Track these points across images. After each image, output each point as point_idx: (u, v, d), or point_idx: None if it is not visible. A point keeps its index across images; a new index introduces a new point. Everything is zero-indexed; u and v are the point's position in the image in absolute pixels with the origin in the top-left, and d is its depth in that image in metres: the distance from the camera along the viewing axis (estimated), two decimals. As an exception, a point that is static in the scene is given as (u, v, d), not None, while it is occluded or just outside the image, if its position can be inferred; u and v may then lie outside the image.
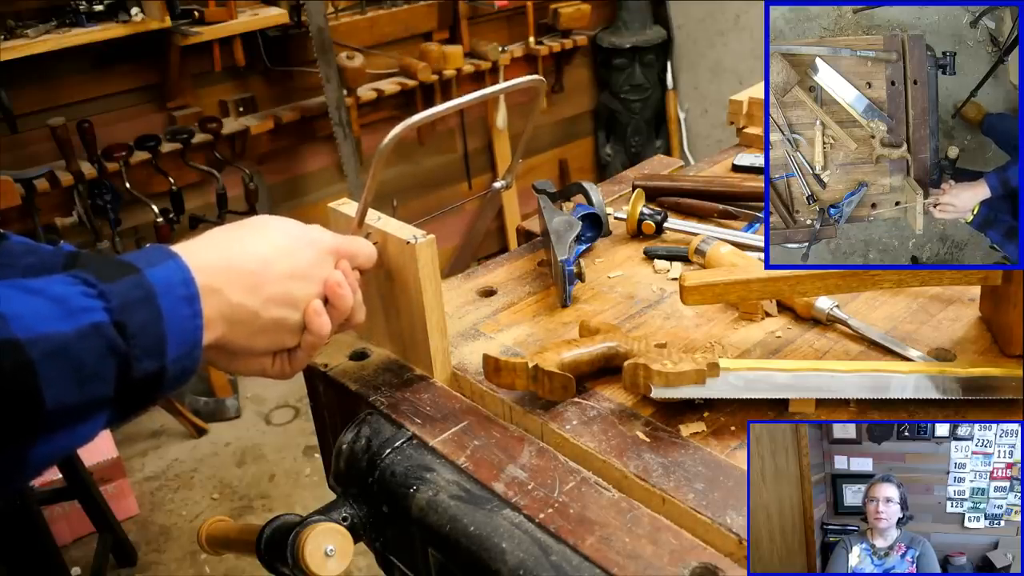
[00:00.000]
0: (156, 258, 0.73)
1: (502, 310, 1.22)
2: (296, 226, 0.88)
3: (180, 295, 0.72)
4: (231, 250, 0.81)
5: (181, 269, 0.74)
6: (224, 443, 3.24)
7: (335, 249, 0.90)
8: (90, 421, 0.67)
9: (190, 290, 0.74)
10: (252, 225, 0.86)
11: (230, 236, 0.83)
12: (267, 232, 0.85)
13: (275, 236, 0.85)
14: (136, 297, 0.69)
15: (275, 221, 0.87)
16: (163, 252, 0.75)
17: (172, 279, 0.72)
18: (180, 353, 0.72)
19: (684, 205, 1.45)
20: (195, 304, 0.74)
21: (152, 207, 3.03)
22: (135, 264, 0.71)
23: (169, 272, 0.73)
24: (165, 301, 0.71)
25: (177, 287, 0.73)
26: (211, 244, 0.81)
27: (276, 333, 0.85)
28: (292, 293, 0.84)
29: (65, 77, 2.91)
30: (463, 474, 0.93)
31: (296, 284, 0.85)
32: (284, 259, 0.84)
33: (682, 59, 4.27)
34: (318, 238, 0.89)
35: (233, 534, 1.05)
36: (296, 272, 0.85)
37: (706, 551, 0.81)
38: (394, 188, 3.82)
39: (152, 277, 0.71)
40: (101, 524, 2.58)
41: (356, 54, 3.34)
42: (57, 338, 0.63)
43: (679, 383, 0.93)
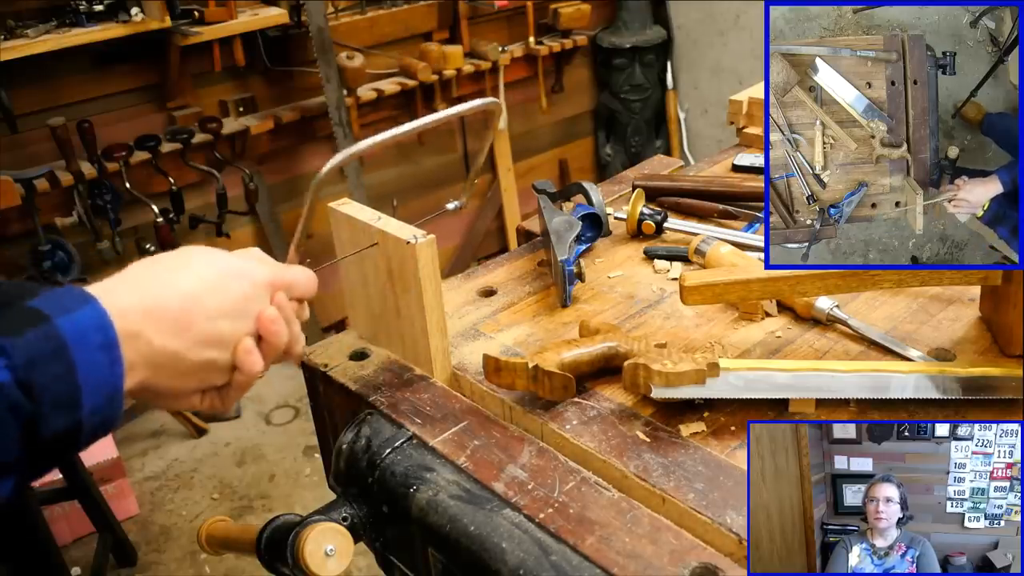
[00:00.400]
0: (70, 303, 0.68)
1: (502, 310, 1.22)
2: (226, 258, 0.82)
3: (96, 343, 0.68)
4: (154, 289, 0.75)
5: (97, 314, 0.69)
6: (224, 443, 3.24)
7: (270, 282, 0.84)
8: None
9: (107, 336, 0.69)
10: (178, 259, 0.80)
11: (154, 272, 0.78)
12: (194, 267, 0.79)
13: (203, 271, 0.79)
14: (44, 351, 0.65)
15: (202, 254, 0.82)
16: (78, 296, 0.69)
17: (86, 326, 0.67)
18: (97, 404, 0.68)
19: (684, 205, 1.45)
20: (113, 351, 0.69)
21: (152, 207, 3.03)
22: (45, 312, 0.66)
23: (83, 319, 0.68)
24: (78, 351, 0.66)
25: (92, 334, 0.68)
26: (133, 283, 0.76)
27: (204, 373, 0.79)
28: (221, 332, 0.79)
29: (65, 77, 2.91)
30: (463, 474, 0.93)
31: (225, 322, 0.79)
32: (212, 296, 0.78)
33: (682, 59, 4.27)
34: (250, 271, 0.83)
35: (233, 534, 1.05)
36: (225, 309, 0.79)
37: (706, 551, 0.81)
38: (394, 188, 3.82)
39: (63, 326, 0.66)
40: (101, 524, 2.57)
41: (356, 54, 3.34)
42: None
43: (679, 383, 0.93)
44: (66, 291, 0.70)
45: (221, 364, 0.80)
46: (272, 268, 0.85)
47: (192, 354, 0.76)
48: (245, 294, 0.81)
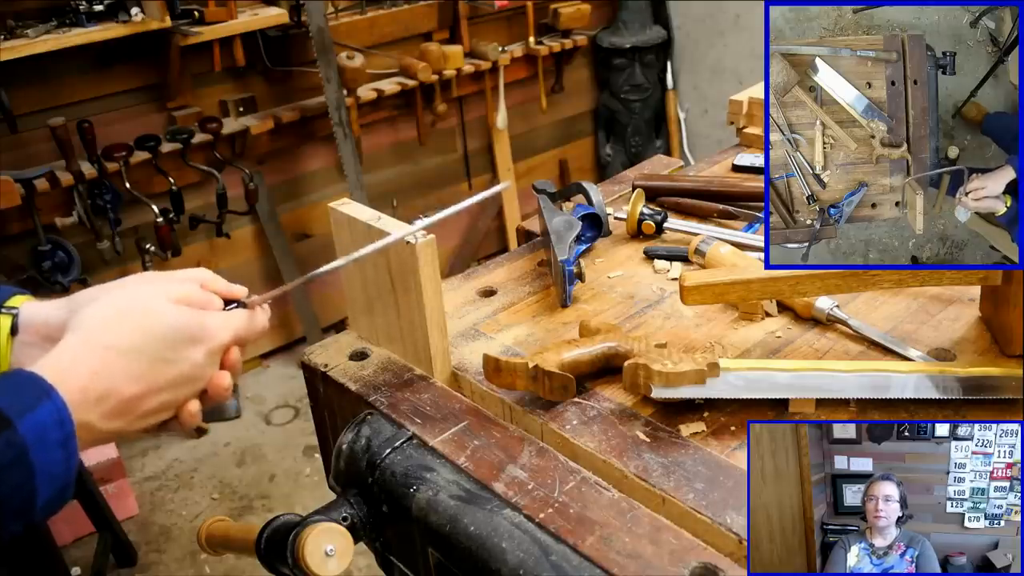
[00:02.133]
0: (31, 399, 0.67)
1: (502, 310, 1.22)
2: (188, 322, 0.79)
3: (54, 440, 0.68)
4: (107, 372, 0.74)
5: (57, 409, 0.68)
6: (224, 443, 3.24)
7: (227, 345, 0.82)
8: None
9: (65, 431, 0.69)
10: (133, 325, 0.77)
11: (104, 343, 0.75)
12: (148, 339, 0.76)
13: (159, 345, 0.76)
14: (7, 460, 0.64)
15: (165, 318, 0.78)
16: (38, 388, 0.68)
17: (46, 423, 0.67)
18: (51, 496, 0.68)
19: (684, 205, 1.45)
20: (70, 444, 0.69)
21: (152, 207, 3.03)
22: (6, 414, 0.65)
23: (44, 416, 0.67)
24: (38, 454, 0.66)
25: (51, 431, 0.67)
26: (84, 361, 0.73)
27: (140, 431, 0.79)
28: (166, 403, 0.78)
29: (65, 77, 2.91)
30: (463, 474, 0.93)
31: (172, 393, 0.78)
32: (164, 371, 0.77)
33: (682, 59, 4.27)
34: (210, 335, 0.80)
35: (233, 534, 1.05)
36: (174, 381, 0.78)
37: (706, 551, 0.81)
38: (394, 188, 3.82)
39: (25, 429, 0.66)
40: (101, 524, 2.58)
41: (356, 54, 3.34)
42: None
43: (679, 383, 0.93)
44: (25, 381, 0.69)
45: (160, 420, 0.80)
46: (235, 324, 0.83)
47: (133, 427, 0.77)
48: (197, 364, 0.79)
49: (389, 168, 3.81)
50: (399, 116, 3.72)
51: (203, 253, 3.42)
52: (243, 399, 3.44)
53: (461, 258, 4.07)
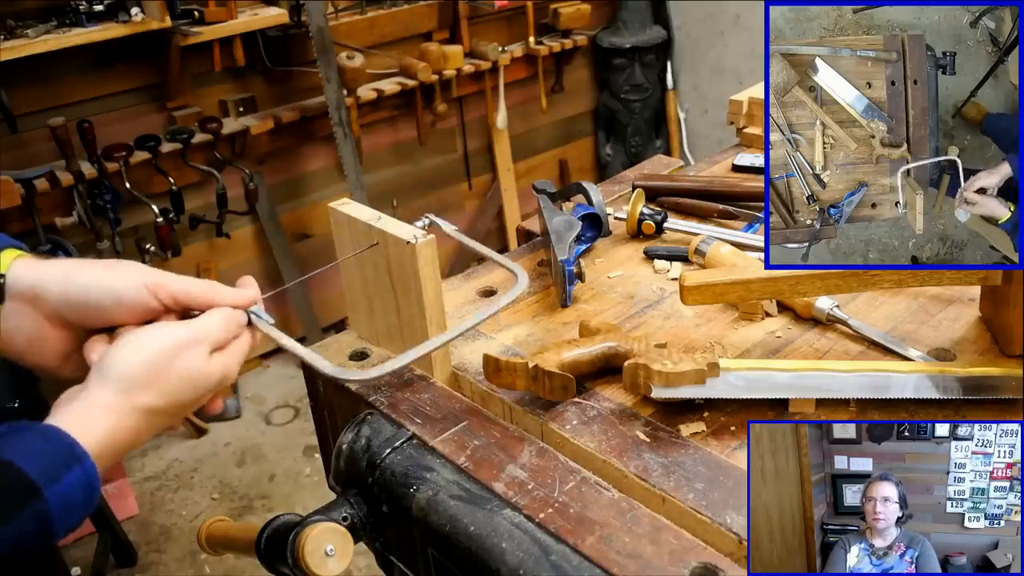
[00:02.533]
0: (61, 466, 0.68)
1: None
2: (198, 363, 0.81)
3: (79, 502, 0.69)
4: (144, 426, 0.77)
5: (87, 475, 0.69)
6: (224, 443, 3.24)
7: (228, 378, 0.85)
8: None
9: (90, 495, 0.70)
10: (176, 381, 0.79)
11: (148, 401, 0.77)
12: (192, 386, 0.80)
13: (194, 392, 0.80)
14: (30, 532, 0.65)
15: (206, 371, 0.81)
16: (70, 453, 0.69)
17: (74, 490, 0.68)
18: (60, 536, 0.70)
19: (684, 205, 1.45)
20: (90, 502, 0.70)
21: (152, 207, 3.03)
22: (37, 483, 0.66)
23: (73, 483, 0.68)
24: (61, 519, 0.67)
25: (78, 494, 0.68)
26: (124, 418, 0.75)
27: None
28: (168, 423, 0.82)
29: (65, 77, 2.91)
30: (463, 474, 0.93)
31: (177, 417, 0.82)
32: (186, 410, 0.82)
33: (682, 59, 4.27)
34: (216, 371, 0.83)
35: (233, 534, 1.05)
36: (183, 410, 0.82)
37: (706, 551, 0.81)
38: (394, 188, 3.82)
39: (52, 500, 0.66)
40: (101, 524, 2.58)
41: (356, 54, 3.34)
42: None
43: (679, 383, 0.93)
44: (58, 444, 0.69)
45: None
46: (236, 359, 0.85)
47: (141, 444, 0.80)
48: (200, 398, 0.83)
49: (389, 168, 3.81)
50: (399, 116, 3.72)
51: (203, 253, 3.42)
52: (243, 399, 3.44)
53: (461, 258, 4.07)
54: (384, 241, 1.03)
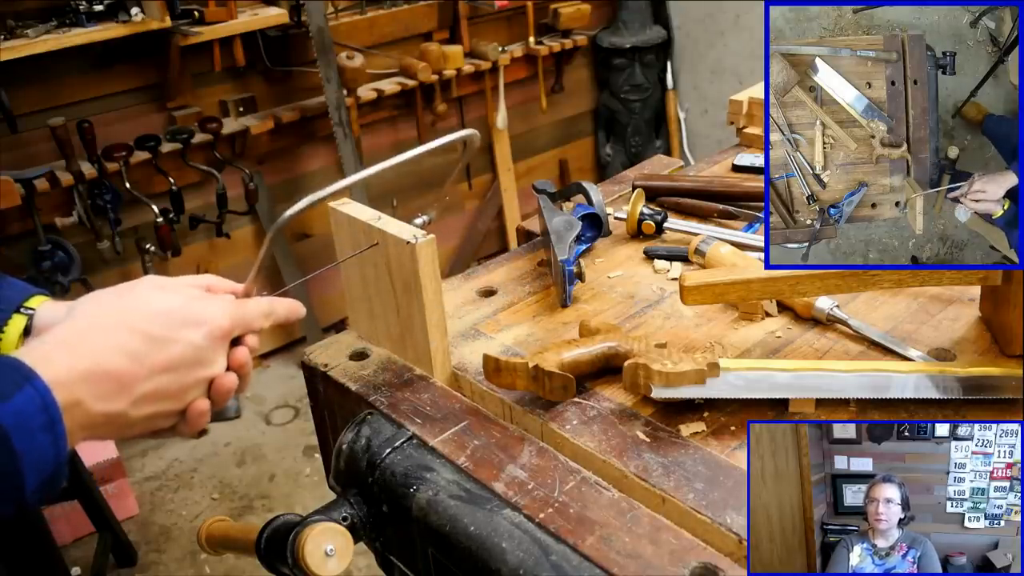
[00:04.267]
0: (10, 384, 0.66)
1: (502, 310, 1.22)
2: (180, 303, 0.79)
3: (38, 425, 0.66)
4: (96, 349, 0.72)
5: (39, 394, 0.67)
6: (224, 443, 3.24)
7: (228, 329, 0.81)
8: None
9: (50, 415, 0.67)
10: (126, 308, 0.77)
11: (97, 327, 0.75)
12: (142, 318, 0.76)
13: (149, 324, 0.75)
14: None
15: (153, 300, 0.78)
16: (18, 373, 0.67)
17: (28, 409, 0.66)
18: (41, 480, 0.67)
19: (684, 205, 1.45)
20: (56, 428, 0.67)
21: (152, 207, 3.03)
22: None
23: (25, 402, 0.66)
24: (20, 439, 0.65)
25: (34, 417, 0.66)
26: (74, 342, 0.72)
27: (149, 423, 0.78)
28: (166, 387, 0.76)
29: (65, 77, 2.90)
30: (463, 474, 0.93)
31: (171, 376, 0.76)
32: (158, 351, 0.75)
33: (682, 59, 4.27)
34: (207, 317, 0.79)
35: (233, 534, 1.05)
36: (172, 363, 0.76)
37: (706, 551, 0.81)
38: (394, 188, 3.82)
39: (3, 416, 0.65)
40: (101, 524, 2.57)
41: (356, 54, 3.34)
42: None
43: (679, 383, 0.93)
44: (7, 367, 0.68)
45: (167, 413, 0.78)
46: (230, 310, 0.82)
47: (134, 411, 0.74)
48: (197, 345, 0.78)
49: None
50: (399, 116, 3.72)
51: (203, 253, 3.42)
52: (243, 399, 3.44)
53: (461, 258, 4.07)
54: (384, 241, 1.03)
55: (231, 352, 0.82)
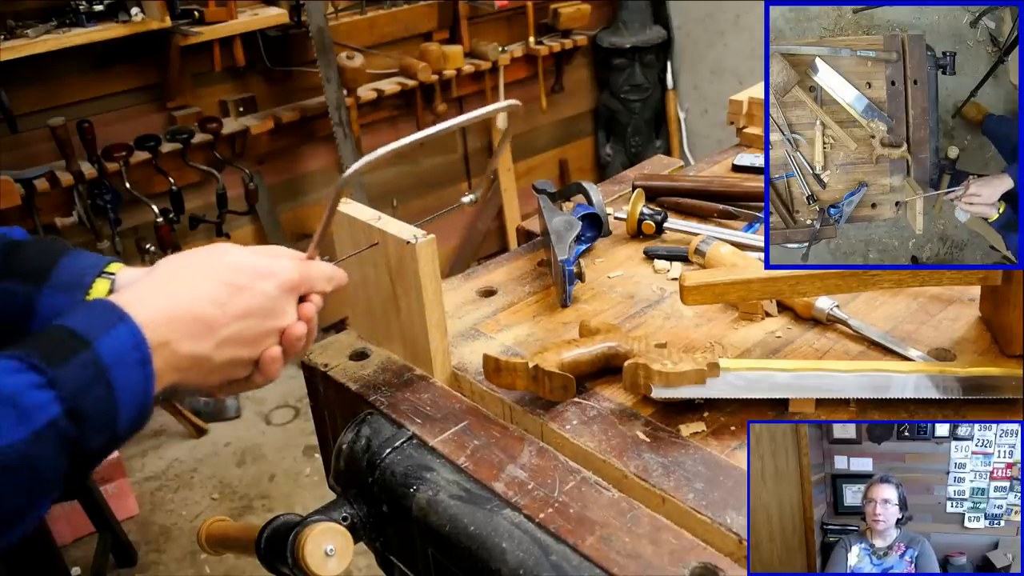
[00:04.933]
0: (105, 323, 0.71)
1: (502, 310, 1.22)
2: (253, 258, 0.84)
3: (132, 361, 0.71)
4: (181, 295, 0.77)
5: (132, 332, 0.71)
6: (224, 443, 3.24)
7: (297, 282, 0.86)
8: (40, 509, 0.68)
9: (142, 353, 0.71)
10: (205, 260, 0.82)
11: (179, 277, 0.80)
12: (220, 269, 0.81)
13: (227, 274, 0.81)
14: (87, 378, 0.67)
15: (229, 254, 0.83)
16: (112, 314, 0.72)
17: (123, 346, 0.70)
18: (132, 416, 0.71)
19: (684, 205, 1.45)
20: (147, 366, 0.72)
21: (152, 207, 3.03)
22: (84, 336, 0.69)
23: (120, 339, 0.70)
24: (116, 373, 0.69)
25: (129, 353, 0.71)
26: (159, 290, 0.78)
27: (229, 370, 0.82)
28: (245, 332, 0.81)
29: (65, 77, 2.90)
30: (463, 474, 0.93)
31: (250, 322, 0.81)
32: (238, 298, 0.80)
33: (682, 59, 4.27)
34: (278, 271, 0.84)
35: (233, 534, 1.05)
36: (252, 310, 0.81)
37: (706, 551, 0.81)
38: (394, 188, 3.82)
39: (102, 349, 0.69)
40: (101, 524, 2.57)
41: (356, 54, 3.34)
42: (11, 452, 0.63)
43: (679, 383, 0.93)
44: (99, 307, 0.73)
45: (245, 360, 0.83)
46: (298, 267, 0.87)
47: (217, 355, 0.79)
48: (270, 295, 0.83)
49: (389, 168, 3.81)
50: (399, 116, 3.72)
51: (203, 253, 3.41)
52: (243, 399, 3.44)
53: (461, 258, 4.07)
54: (384, 241, 1.03)
55: (299, 306, 0.87)
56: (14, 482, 0.63)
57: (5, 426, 0.63)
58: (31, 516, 0.67)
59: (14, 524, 0.66)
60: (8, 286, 0.86)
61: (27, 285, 0.86)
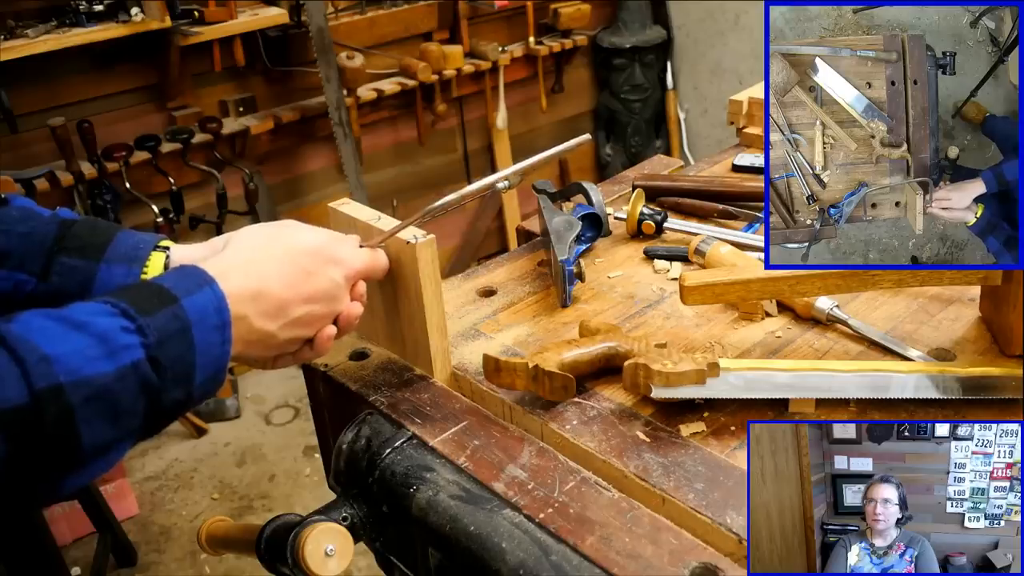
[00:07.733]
0: (193, 284, 0.76)
1: (502, 310, 1.22)
2: (327, 244, 0.90)
3: (213, 324, 0.75)
4: (263, 275, 0.83)
5: (217, 297, 0.76)
6: (224, 443, 3.24)
7: (361, 272, 0.94)
8: (118, 450, 0.71)
9: (223, 318, 0.76)
10: (279, 239, 0.87)
11: (259, 256, 0.85)
12: (295, 252, 0.86)
13: (302, 257, 0.86)
14: (172, 330, 0.72)
15: (301, 232, 0.89)
16: (200, 277, 0.77)
17: (207, 308, 0.75)
18: (206, 378, 0.75)
19: (684, 205, 1.45)
20: (226, 331, 0.77)
21: (152, 207, 3.03)
22: (174, 293, 0.74)
23: (205, 301, 0.75)
24: (198, 331, 0.74)
25: (211, 316, 0.75)
26: (242, 266, 0.82)
27: (286, 346, 0.88)
28: (310, 315, 0.87)
29: (65, 77, 2.90)
30: (463, 474, 0.93)
31: (316, 306, 0.87)
32: (309, 282, 0.86)
33: (682, 59, 4.27)
34: (346, 258, 0.91)
35: (233, 534, 1.05)
36: (318, 295, 0.87)
37: (706, 551, 0.81)
38: (394, 188, 3.82)
39: (189, 307, 0.73)
40: (101, 524, 2.57)
41: (356, 54, 3.34)
42: (98, 381, 0.66)
43: (679, 383, 0.93)
44: (191, 271, 0.78)
45: (301, 339, 0.89)
46: (364, 256, 0.95)
47: (282, 333, 0.85)
48: (336, 283, 0.89)
49: (389, 168, 3.81)
50: (399, 116, 3.72)
51: (203, 253, 3.41)
52: (243, 399, 3.44)
53: (461, 258, 4.07)
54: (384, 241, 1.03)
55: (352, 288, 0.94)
56: (102, 410, 0.67)
57: (93, 360, 0.66)
58: (113, 453, 0.70)
59: (97, 457, 0.69)
60: (67, 260, 0.90)
61: (85, 259, 0.90)
